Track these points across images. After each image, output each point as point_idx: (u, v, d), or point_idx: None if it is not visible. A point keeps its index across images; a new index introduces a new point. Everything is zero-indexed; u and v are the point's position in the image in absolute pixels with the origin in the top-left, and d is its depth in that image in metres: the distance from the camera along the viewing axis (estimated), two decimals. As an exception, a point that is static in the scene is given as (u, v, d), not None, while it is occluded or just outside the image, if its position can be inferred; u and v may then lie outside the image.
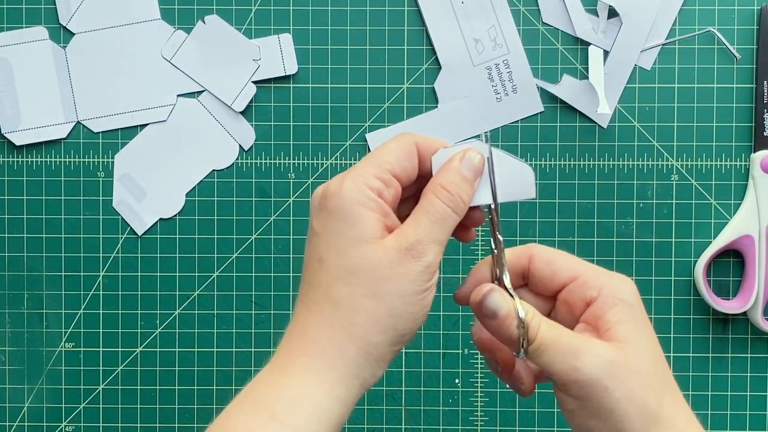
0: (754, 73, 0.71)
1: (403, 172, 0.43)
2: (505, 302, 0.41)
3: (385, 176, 0.42)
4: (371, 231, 0.41)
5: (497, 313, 0.41)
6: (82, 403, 0.72)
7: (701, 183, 0.71)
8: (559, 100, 0.71)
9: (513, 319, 0.41)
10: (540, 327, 0.41)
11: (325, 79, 0.72)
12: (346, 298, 0.41)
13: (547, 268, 0.44)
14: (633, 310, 0.42)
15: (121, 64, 0.72)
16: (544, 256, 0.44)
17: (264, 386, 0.41)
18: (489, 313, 0.41)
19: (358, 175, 0.42)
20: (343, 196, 0.41)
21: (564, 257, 0.44)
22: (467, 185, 0.43)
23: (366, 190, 0.41)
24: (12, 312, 0.73)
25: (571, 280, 0.43)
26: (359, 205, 0.41)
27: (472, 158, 0.43)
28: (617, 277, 0.43)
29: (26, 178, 0.72)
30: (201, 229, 0.72)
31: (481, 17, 0.71)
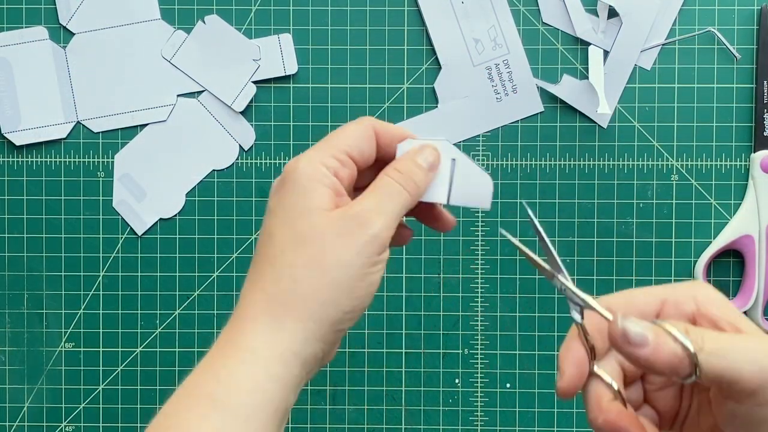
0: (754, 73, 0.71)
1: (360, 155, 0.43)
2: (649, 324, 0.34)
3: (341, 156, 0.42)
4: (321, 203, 0.41)
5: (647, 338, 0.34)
6: (82, 403, 0.72)
7: (701, 183, 0.71)
8: (559, 100, 0.71)
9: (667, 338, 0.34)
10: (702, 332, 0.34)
11: (325, 79, 0.72)
12: (289, 269, 0.40)
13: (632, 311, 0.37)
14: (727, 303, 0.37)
15: (121, 64, 0.72)
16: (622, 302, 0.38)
17: (202, 372, 0.40)
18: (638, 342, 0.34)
19: (315, 153, 0.42)
20: (298, 172, 0.42)
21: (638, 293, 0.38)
22: (419, 170, 0.43)
23: (321, 168, 0.42)
24: (12, 312, 0.73)
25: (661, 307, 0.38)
26: (313, 180, 0.41)
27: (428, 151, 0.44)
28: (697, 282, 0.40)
29: (26, 178, 0.72)
30: (201, 229, 0.72)
31: (481, 17, 0.71)
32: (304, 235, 0.40)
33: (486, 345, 0.72)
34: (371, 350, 0.72)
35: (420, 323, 0.72)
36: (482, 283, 0.72)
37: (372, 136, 0.44)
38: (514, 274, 0.72)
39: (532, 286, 0.72)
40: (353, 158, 0.43)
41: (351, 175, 0.43)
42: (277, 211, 0.42)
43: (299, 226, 0.41)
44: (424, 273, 0.72)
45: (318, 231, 0.40)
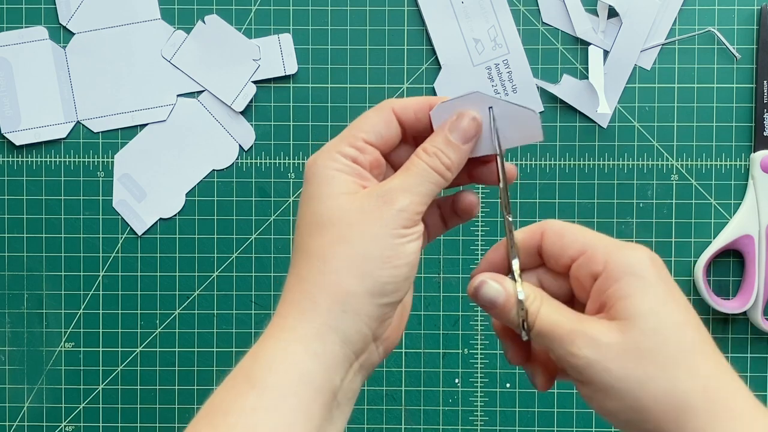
0: (754, 73, 0.71)
1: (379, 139, 0.43)
2: (501, 290, 0.41)
3: (358, 143, 0.42)
4: (343, 188, 0.41)
5: (495, 302, 0.41)
6: (82, 403, 0.72)
7: (701, 183, 0.71)
8: (559, 100, 0.71)
9: (512, 305, 0.40)
10: (540, 311, 0.40)
11: (325, 79, 0.72)
12: (317, 249, 0.40)
13: (558, 243, 0.42)
14: (642, 282, 0.39)
15: (121, 64, 0.72)
16: (556, 230, 0.42)
17: (245, 357, 0.40)
18: (487, 303, 0.41)
19: (331, 145, 0.42)
20: (316, 165, 0.42)
21: (575, 230, 0.42)
22: (452, 149, 0.42)
23: (338, 157, 0.42)
24: (12, 312, 0.73)
25: (580, 254, 0.41)
26: (331, 170, 0.41)
27: (460, 123, 0.43)
28: (627, 247, 0.40)
29: (26, 178, 0.72)
30: (201, 229, 0.72)
31: (481, 17, 0.71)
32: (326, 217, 0.40)
33: (486, 345, 0.72)
34: (371, 350, 0.72)
35: (420, 323, 0.72)
36: (482, 283, 0.72)
37: (390, 119, 0.43)
38: (514, 274, 0.72)
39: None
40: (372, 143, 0.43)
41: (374, 159, 0.43)
42: (301, 203, 0.42)
43: (320, 210, 0.41)
44: (424, 273, 0.72)
45: (340, 211, 0.40)
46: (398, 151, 0.44)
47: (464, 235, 0.72)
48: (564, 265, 0.42)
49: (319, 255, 0.40)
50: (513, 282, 0.41)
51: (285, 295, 0.41)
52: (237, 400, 0.38)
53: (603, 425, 0.71)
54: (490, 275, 0.41)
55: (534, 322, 0.40)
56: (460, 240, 0.72)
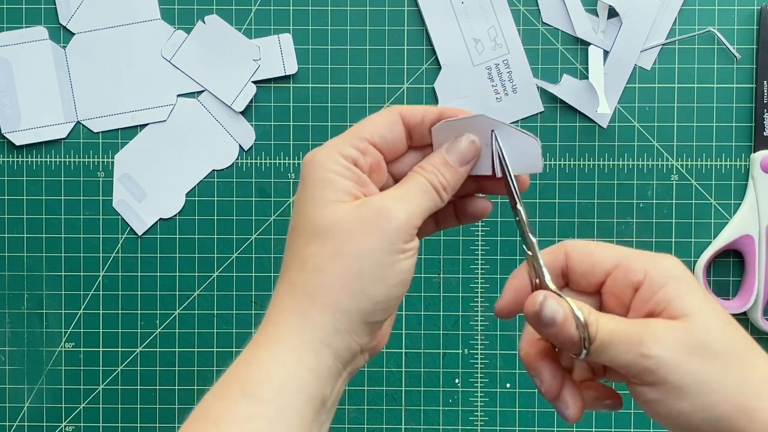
0: (754, 73, 0.71)
1: (383, 142, 0.42)
2: (560, 306, 0.39)
3: (361, 145, 0.41)
4: (340, 194, 0.40)
5: (555, 319, 0.39)
6: (82, 403, 0.72)
7: (701, 183, 0.71)
8: (559, 100, 0.71)
9: (572, 321, 0.39)
10: (598, 323, 0.39)
11: (325, 79, 0.72)
12: (312, 259, 0.39)
13: (587, 261, 0.42)
14: (685, 283, 0.40)
15: (121, 64, 0.72)
16: (582, 250, 0.42)
17: (237, 364, 0.40)
18: (548, 321, 0.39)
19: (333, 144, 0.41)
20: (315, 164, 0.41)
21: (601, 247, 0.42)
22: (448, 170, 0.42)
23: (338, 158, 0.41)
24: (12, 312, 0.73)
25: (613, 268, 0.41)
26: (330, 172, 0.40)
27: (458, 145, 0.43)
28: (659, 256, 0.41)
29: (26, 178, 0.72)
30: (201, 229, 0.72)
31: (481, 17, 0.71)
32: (323, 226, 0.40)
33: (486, 345, 0.72)
34: (371, 350, 0.72)
35: (420, 323, 0.72)
36: (482, 283, 0.72)
37: (397, 122, 0.43)
38: (514, 274, 0.72)
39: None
40: (376, 145, 0.42)
41: (375, 163, 0.42)
42: (298, 204, 0.41)
43: (317, 218, 0.40)
44: (424, 273, 0.72)
45: (338, 221, 0.39)
46: (402, 160, 0.44)
47: (464, 235, 0.72)
48: (595, 283, 0.42)
49: (314, 266, 0.39)
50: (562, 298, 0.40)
51: (276, 302, 0.41)
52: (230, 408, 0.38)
53: (603, 425, 0.71)
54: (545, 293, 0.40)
55: (596, 334, 0.39)
56: (460, 240, 0.72)
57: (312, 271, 0.39)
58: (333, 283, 0.39)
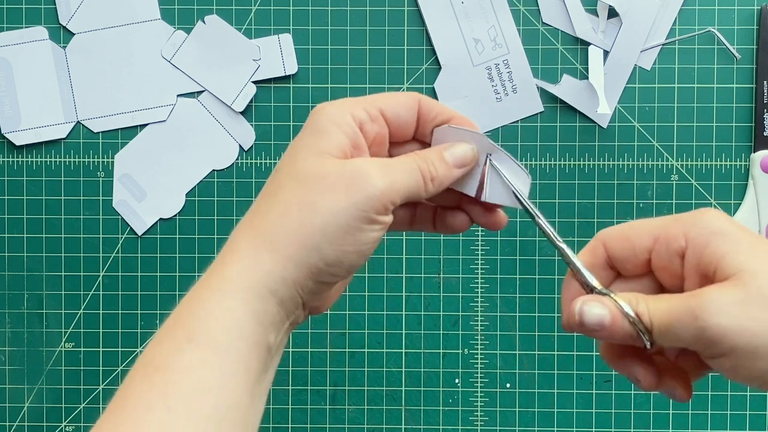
0: (754, 73, 0.71)
1: (395, 118, 0.42)
2: (602, 307, 0.38)
3: (372, 111, 0.41)
4: (333, 147, 0.40)
5: (603, 323, 0.38)
6: (82, 403, 0.72)
7: (701, 183, 0.71)
8: (559, 100, 0.71)
9: (621, 318, 0.37)
10: (650, 310, 0.37)
11: (325, 79, 0.72)
12: (281, 204, 0.39)
13: (626, 246, 0.40)
14: (728, 238, 0.37)
15: (121, 64, 0.72)
16: (618, 236, 0.40)
17: (181, 307, 0.39)
18: (595, 327, 0.38)
19: (346, 102, 0.41)
20: (321, 113, 0.41)
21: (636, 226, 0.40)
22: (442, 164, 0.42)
23: (346, 115, 0.41)
24: (12, 312, 0.73)
25: (654, 243, 0.39)
26: (332, 124, 0.40)
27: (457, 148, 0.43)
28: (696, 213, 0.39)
29: (26, 178, 0.72)
30: (201, 229, 0.72)
31: (481, 17, 0.71)
32: (304, 174, 0.39)
33: (486, 345, 0.72)
34: (371, 350, 0.72)
35: (420, 323, 0.72)
36: (482, 283, 0.72)
37: (413, 107, 0.43)
38: (514, 274, 0.72)
39: (532, 286, 0.72)
40: (387, 118, 0.42)
41: (379, 133, 0.42)
42: (290, 148, 0.41)
43: (302, 165, 0.40)
44: (424, 273, 0.72)
45: (320, 172, 0.39)
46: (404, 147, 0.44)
47: (464, 235, 0.72)
48: (641, 263, 0.40)
49: (280, 212, 0.39)
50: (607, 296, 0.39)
51: (232, 241, 0.40)
52: (175, 354, 0.37)
53: (603, 425, 0.72)
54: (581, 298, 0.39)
55: (651, 321, 0.37)
56: (460, 240, 0.72)
57: (277, 216, 0.39)
58: (292, 232, 0.38)
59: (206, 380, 0.37)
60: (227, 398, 0.37)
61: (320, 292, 0.40)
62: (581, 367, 0.72)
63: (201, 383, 0.37)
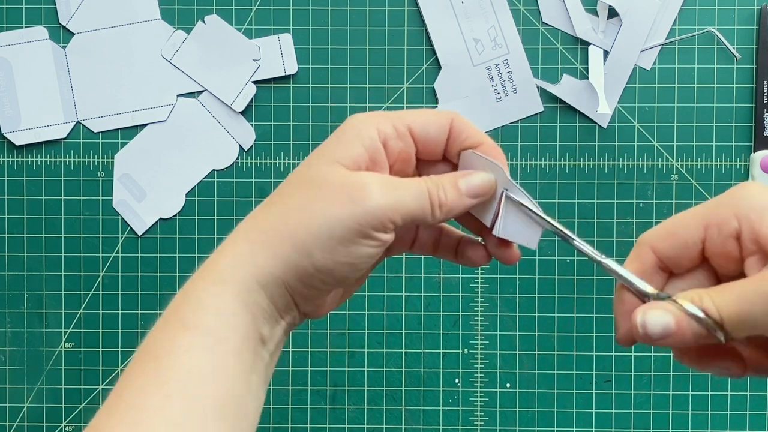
0: (754, 73, 0.71)
1: (424, 136, 0.42)
2: (665, 313, 0.36)
3: (400, 127, 0.41)
4: (347, 158, 0.40)
5: (669, 330, 0.36)
6: (82, 403, 0.72)
7: (701, 183, 0.71)
8: (559, 100, 0.71)
9: (688, 320, 0.35)
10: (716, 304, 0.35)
11: (325, 79, 0.72)
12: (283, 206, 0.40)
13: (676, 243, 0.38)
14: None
15: (121, 64, 0.72)
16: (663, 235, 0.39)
17: (178, 295, 0.40)
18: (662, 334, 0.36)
19: (376, 115, 0.41)
20: (349, 123, 0.41)
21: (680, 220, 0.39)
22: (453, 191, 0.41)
23: (370, 128, 0.41)
24: (12, 312, 0.73)
25: (704, 231, 0.38)
26: (355, 135, 0.40)
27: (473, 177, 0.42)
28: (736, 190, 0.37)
29: (26, 178, 0.72)
30: (201, 229, 0.72)
31: (481, 17, 0.71)
32: (311, 179, 0.40)
33: (486, 345, 0.72)
34: (371, 350, 0.72)
35: (420, 323, 0.72)
36: (482, 283, 0.72)
37: (444, 126, 0.42)
38: (514, 274, 0.72)
39: (532, 286, 0.72)
40: (414, 136, 0.42)
41: (405, 150, 0.42)
42: (312, 155, 0.41)
43: (312, 170, 0.40)
44: (424, 273, 0.72)
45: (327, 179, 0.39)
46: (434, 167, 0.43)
47: (464, 235, 0.72)
48: (695, 256, 0.38)
49: (282, 210, 0.40)
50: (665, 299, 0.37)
51: (233, 232, 0.41)
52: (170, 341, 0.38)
53: (603, 425, 0.71)
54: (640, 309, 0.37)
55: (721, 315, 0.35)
56: (460, 240, 0.72)
57: (277, 215, 0.39)
58: (287, 232, 0.39)
59: (200, 366, 0.37)
60: (221, 384, 0.38)
61: (312, 297, 0.40)
62: (581, 367, 0.72)
63: (195, 369, 0.37)
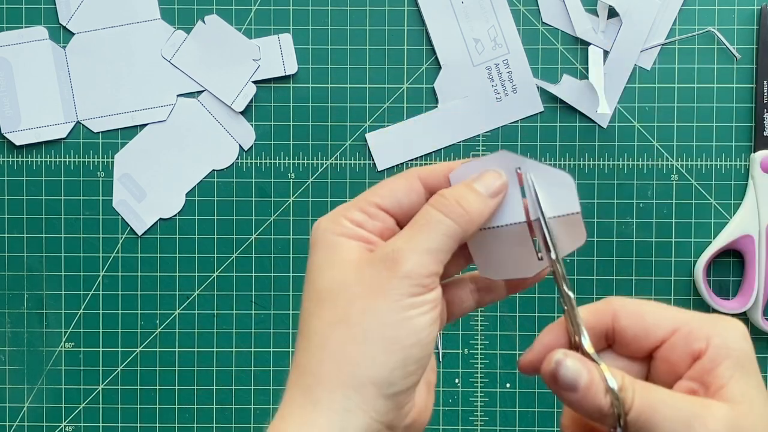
0: (754, 73, 0.71)
1: (395, 206, 0.39)
2: (585, 369, 0.34)
3: (369, 209, 0.38)
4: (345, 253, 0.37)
5: (577, 384, 0.34)
6: (82, 403, 0.72)
7: (701, 183, 0.71)
8: (559, 100, 0.71)
9: (599, 387, 0.34)
10: (635, 390, 0.34)
11: (325, 79, 0.72)
12: (315, 332, 0.36)
13: (639, 324, 0.37)
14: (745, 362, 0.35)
15: (121, 64, 0.72)
16: (632, 311, 0.37)
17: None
18: (567, 385, 0.34)
19: (339, 210, 0.39)
20: (320, 230, 0.38)
21: (657, 308, 0.37)
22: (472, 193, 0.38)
23: (342, 221, 0.38)
24: (12, 312, 0.73)
25: (671, 333, 0.36)
26: (334, 235, 0.38)
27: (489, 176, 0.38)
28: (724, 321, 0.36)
29: (26, 178, 0.72)
30: (201, 229, 0.72)
31: (481, 17, 0.71)
32: (325, 291, 0.36)
33: (486, 345, 0.72)
34: (371, 350, 0.72)
35: (420, 323, 0.72)
36: (482, 283, 0.72)
37: (413, 186, 0.39)
38: (514, 274, 0.72)
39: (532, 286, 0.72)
40: (386, 209, 0.39)
41: (384, 228, 0.39)
42: (306, 275, 0.38)
43: (321, 283, 0.37)
44: (424, 273, 0.72)
45: (341, 284, 0.36)
46: None
47: (464, 235, 0.72)
48: (647, 348, 0.37)
49: (318, 340, 0.35)
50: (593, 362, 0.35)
51: (287, 391, 0.36)
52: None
53: (603, 425, 0.71)
54: (565, 352, 0.35)
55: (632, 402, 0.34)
56: (460, 240, 0.72)
57: (316, 347, 0.35)
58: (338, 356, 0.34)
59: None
60: None
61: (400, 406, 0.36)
62: (581, 367, 0.71)
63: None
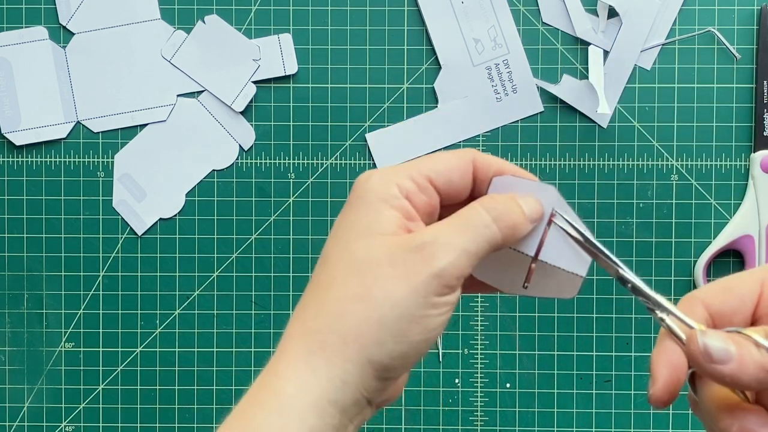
0: (754, 73, 0.71)
1: (446, 185, 0.38)
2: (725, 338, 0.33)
3: (420, 180, 0.37)
4: (384, 226, 0.36)
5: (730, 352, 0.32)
6: (82, 403, 0.72)
7: (701, 183, 0.71)
8: (559, 100, 0.71)
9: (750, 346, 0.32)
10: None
11: (325, 79, 0.72)
12: (335, 301, 0.35)
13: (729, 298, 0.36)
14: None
15: (121, 64, 0.72)
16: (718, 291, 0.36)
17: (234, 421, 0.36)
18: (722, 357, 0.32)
19: (391, 170, 0.38)
20: (366, 189, 0.37)
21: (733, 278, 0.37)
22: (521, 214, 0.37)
23: (392, 187, 0.37)
24: (12, 312, 0.73)
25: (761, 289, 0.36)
26: (379, 200, 0.36)
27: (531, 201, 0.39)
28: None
29: (26, 178, 0.72)
30: (201, 229, 0.72)
31: (481, 17, 0.71)
32: (357, 261, 0.36)
33: (486, 345, 0.72)
34: (371, 350, 0.72)
35: (420, 323, 0.72)
36: (482, 283, 0.72)
37: (467, 169, 0.38)
38: (514, 274, 0.72)
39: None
40: (437, 186, 0.38)
41: (429, 203, 0.38)
42: (338, 230, 0.37)
43: (354, 251, 0.36)
44: (424, 273, 0.72)
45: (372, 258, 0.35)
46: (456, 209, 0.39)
47: (464, 235, 0.72)
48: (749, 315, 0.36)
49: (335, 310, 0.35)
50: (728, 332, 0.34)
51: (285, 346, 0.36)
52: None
53: (603, 425, 0.71)
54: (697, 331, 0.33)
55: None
56: (460, 240, 0.72)
57: (333, 315, 0.35)
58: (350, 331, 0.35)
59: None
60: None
61: (386, 387, 0.37)
62: (581, 367, 0.72)
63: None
